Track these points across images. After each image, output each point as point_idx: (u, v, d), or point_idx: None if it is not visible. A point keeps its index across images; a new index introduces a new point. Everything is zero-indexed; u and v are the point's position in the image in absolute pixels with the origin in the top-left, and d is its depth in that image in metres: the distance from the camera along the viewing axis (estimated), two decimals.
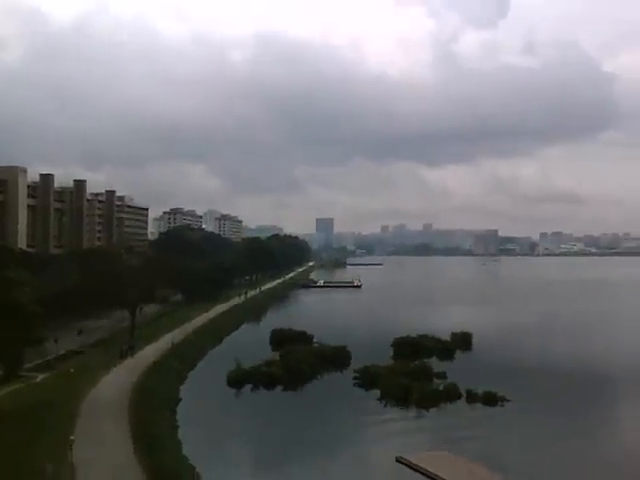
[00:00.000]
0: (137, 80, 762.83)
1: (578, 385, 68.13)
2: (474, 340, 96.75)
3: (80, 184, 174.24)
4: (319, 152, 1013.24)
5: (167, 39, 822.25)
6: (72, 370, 67.62)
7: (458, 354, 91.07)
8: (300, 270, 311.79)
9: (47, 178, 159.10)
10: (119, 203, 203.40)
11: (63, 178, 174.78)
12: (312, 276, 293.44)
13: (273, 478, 42.39)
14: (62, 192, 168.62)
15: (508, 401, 61.13)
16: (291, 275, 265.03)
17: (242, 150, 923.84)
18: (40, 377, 65.86)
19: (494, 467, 43.12)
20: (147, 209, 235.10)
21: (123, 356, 76.16)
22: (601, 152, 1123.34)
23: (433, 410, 59.98)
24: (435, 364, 77.92)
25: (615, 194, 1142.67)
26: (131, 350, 78.63)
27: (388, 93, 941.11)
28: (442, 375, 70.71)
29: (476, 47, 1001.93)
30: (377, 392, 65.26)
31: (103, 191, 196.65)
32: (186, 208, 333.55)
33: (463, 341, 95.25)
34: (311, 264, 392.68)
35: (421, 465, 43.46)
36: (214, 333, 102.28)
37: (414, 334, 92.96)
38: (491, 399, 61.35)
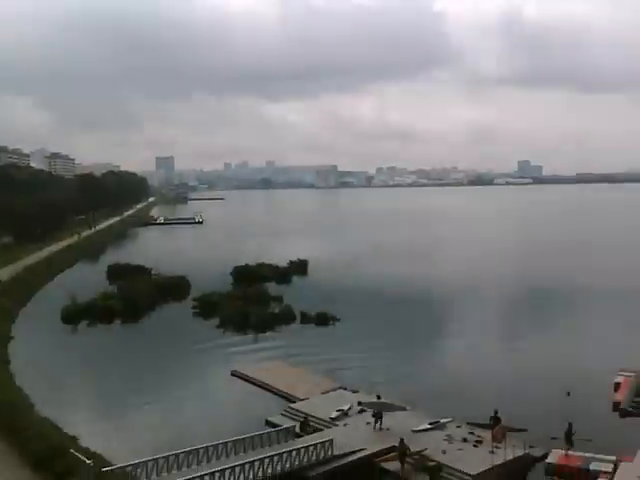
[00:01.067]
0: None
1: (397, 304, 73.43)
2: (310, 267, 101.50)
3: None
4: (157, 86, 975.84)
5: None
6: None
7: (295, 279, 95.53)
8: (139, 207, 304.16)
9: None
10: None
11: None
12: (153, 212, 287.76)
13: (111, 408, 43.14)
14: None
15: (338, 320, 65.81)
16: (130, 212, 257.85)
17: (73, 84, 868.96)
18: None
19: (319, 372, 47.23)
20: None
21: None
22: (433, 90, 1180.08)
23: (270, 332, 63.16)
24: (273, 289, 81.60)
25: (445, 130, 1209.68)
26: None
27: (228, 25, 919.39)
28: (279, 299, 74.15)
29: None
30: (217, 319, 67.35)
31: None
32: (11, 147, 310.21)
33: (299, 267, 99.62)
34: (151, 200, 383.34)
35: (252, 376, 46.56)
36: (47, 271, 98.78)
37: (253, 263, 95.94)
38: (323, 319, 65.66)
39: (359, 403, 39.10)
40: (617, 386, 42.40)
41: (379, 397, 38.32)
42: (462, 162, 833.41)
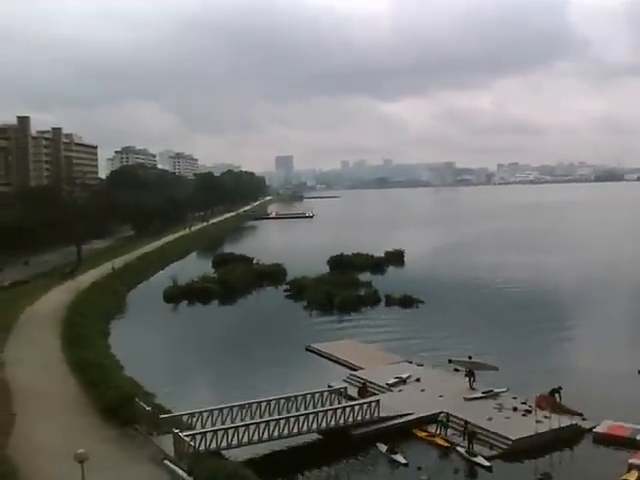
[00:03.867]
0: (78, 17, 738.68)
1: (489, 293, 72.54)
2: (407, 257, 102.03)
3: (23, 120, 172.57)
4: (275, 88, 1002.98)
5: None
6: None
7: (390, 269, 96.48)
8: (256, 204, 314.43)
9: None
10: (66, 141, 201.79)
11: (8, 118, 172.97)
12: (269, 209, 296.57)
13: (191, 371, 46.47)
14: (6, 129, 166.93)
15: (422, 303, 66.42)
16: (246, 209, 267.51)
17: (195, 86, 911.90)
18: None
19: (389, 349, 48.25)
20: (96, 147, 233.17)
21: (65, 278, 79.30)
22: (555, 82, 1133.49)
23: (354, 313, 64.89)
24: (365, 276, 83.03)
25: (570, 123, 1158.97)
26: (72, 273, 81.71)
27: (340, 24, 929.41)
28: (367, 285, 75.46)
29: None
30: (304, 301, 69.80)
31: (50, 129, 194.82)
32: (139, 147, 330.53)
33: (396, 257, 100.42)
34: (268, 198, 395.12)
35: (325, 351, 48.28)
36: (158, 260, 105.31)
37: (350, 253, 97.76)
38: (407, 302, 66.58)
39: (449, 361, 40.40)
40: None
41: (470, 357, 39.46)
42: (589, 157, 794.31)
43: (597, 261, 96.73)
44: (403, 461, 29.56)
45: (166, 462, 26.46)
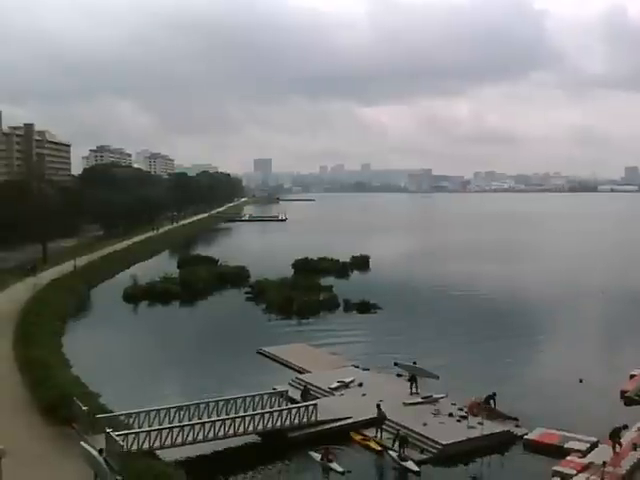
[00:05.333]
0: (53, 10, 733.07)
1: (449, 300, 73.06)
2: (374, 262, 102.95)
3: None
4: (255, 89, 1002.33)
5: None
6: None
7: (355, 274, 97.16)
8: (231, 205, 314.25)
9: None
10: (39, 138, 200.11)
11: None
12: (244, 211, 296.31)
13: (139, 370, 46.58)
14: None
15: (380, 308, 67.06)
16: (219, 210, 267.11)
17: (173, 86, 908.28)
18: None
19: (339, 353, 48.87)
20: (69, 145, 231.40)
21: (26, 276, 78.81)
22: (533, 92, 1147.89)
23: (312, 317, 65.30)
24: (329, 281, 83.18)
25: (547, 134, 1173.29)
26: (33, 271, 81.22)
27: (321, 27, 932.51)
28: (328, 289, 75.67)
29: None
30: (264, 304, 70.00)
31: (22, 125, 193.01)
32: (115, 146, 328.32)
33: (361, 262, 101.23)
34: (244, 200, 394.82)
35: (274, 354, 48.71)
36: (123, 260, 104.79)
37: (315, 257, 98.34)
38: (365, 307, 67.12)
39: (395, 364, 41.16)
40: (632, 377, 41.69)
41: (415, 363, 40.05)
42: (564, 167, 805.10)
43: (562, 271, 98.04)
44: (340, 469, 29.51)
45: (82, 443, 26.41)
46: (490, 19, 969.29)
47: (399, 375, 41.24)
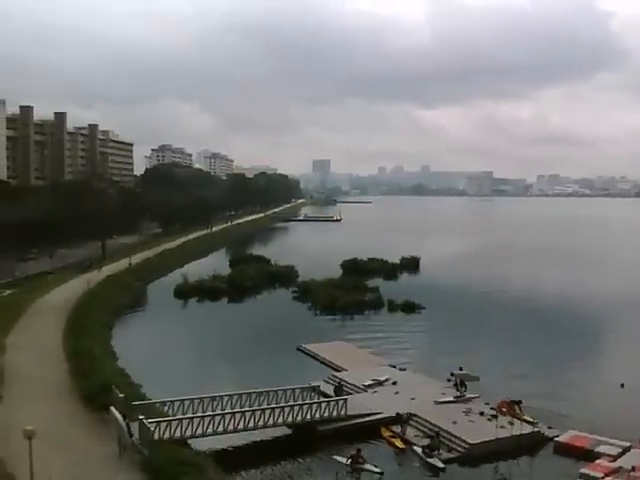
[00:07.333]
0: (118, 17, 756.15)
1: (492, 304, 71.97)
2: (424, 264, 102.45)
3: (60, 116, 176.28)
4: (313, 90, 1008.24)
5: None
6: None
7: (404, 275, 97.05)
8: (288, 206, 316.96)
9: (27, 110, 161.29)
10: (102, 137, 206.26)
11: (47, 112, 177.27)
12: (301, 212, 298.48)
13: (191, 363, 47.88)
14: (43, 124, 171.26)
15: (424, 309, 66.96)
16: (275, 210, 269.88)
17: (234, 87, 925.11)
18: (7, 292, 70.65)
19: (377, 352, 49.10)
20: (132, 144, 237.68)
21: (83, 272, 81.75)
22: (597, 93, 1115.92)
23: (355, 316, 65.90)
24: (376, 282, 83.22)
25: (613, 136, 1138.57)
26: (90, 267, 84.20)
27: (379, 29, 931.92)
28: (374, 289, 75.76)
29: None
30: (309, 303, 70.81)
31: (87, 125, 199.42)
32: (176, 146, 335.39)
33: (411, 264, 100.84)
34: (301, 201, 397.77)
35: (314, 351, 49.24)
36: (178, 257, 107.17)
37: (365, 257, 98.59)
38: (409, 308, 67.20)
39: (451, 374, 39.87)
40: None
41: (461, 368, 39.63)
42: (630, 171, 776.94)
43: (619, 279, 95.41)
44: (376, 470, 29.07)
45: (111, 408, 28.37)
46: (552, 20, 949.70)
47: (449, 380, 40.45)
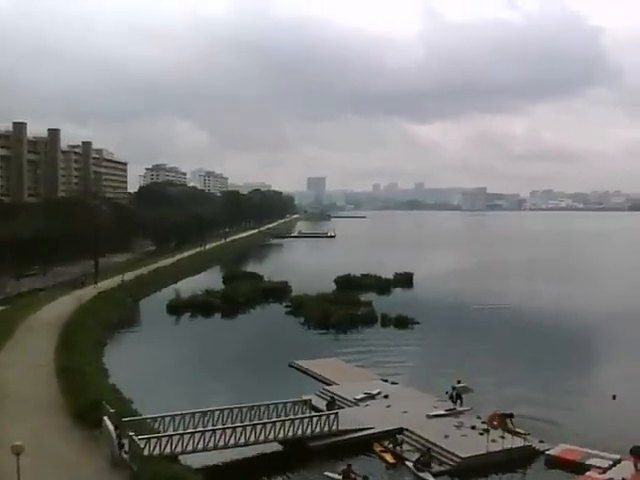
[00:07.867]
0: (115, 34, 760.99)
1: (485, 319, 71.52)
2: (418, 279, 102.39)
3: (54, 133, 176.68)
4: (308, 108, 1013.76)
5: None
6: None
7: (397, 290, 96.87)
8: (281, 222, 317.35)
9: (20, 126, 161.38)
10: (96, 156, 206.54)
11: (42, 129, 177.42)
12: (295, 228, 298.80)
13: (182, 378, 47.74)
14: (36, 142, 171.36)
15: (417, 324, 66.93)
16: (269, 226, 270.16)
17: (230, 105, 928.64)
18: None
19: (369, 367, 49.02)
20: (126, 164, 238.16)
21: (75, 289, 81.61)
22: (590, 109, 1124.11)
23: (348, 331, 65.77)
24: (370, 297, 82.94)
25: (606, 151, 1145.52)
26: (82, 284, 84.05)
27: (372, 46, 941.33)
28: (367, 304, 75.63)
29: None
30: (302, 318, 70.73)
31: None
32: (171, 165, 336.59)
33: (404, 279, 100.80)
34: (295, 216, 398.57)
35: (307, 367, 49.11)
36: (171, 274, 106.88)
37: (358, 273, 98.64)
38: (402, 322, 67.11)
39: (453, 388, 39.24)
40: None
41: (459, 382, 39.31)
42: (624, 185, 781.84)
43: (611, 291, 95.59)
44: None
45: (105, 418, 28.48)
46: (544, 36, 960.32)
47: (447, 392, 40.16)
